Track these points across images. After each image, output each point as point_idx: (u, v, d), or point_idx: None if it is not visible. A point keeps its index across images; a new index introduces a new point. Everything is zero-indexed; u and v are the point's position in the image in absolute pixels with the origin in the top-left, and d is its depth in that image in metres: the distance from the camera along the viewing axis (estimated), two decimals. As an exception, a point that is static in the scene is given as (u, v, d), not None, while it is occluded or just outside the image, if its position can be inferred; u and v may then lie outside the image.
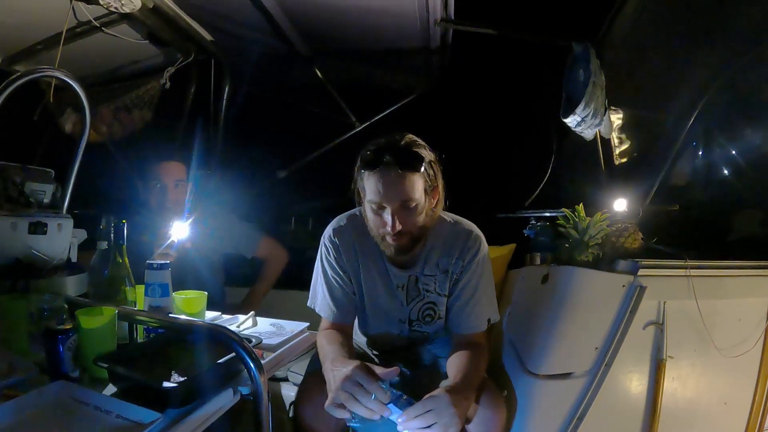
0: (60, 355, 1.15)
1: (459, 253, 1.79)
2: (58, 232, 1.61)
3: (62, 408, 1.05)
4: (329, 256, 1.80)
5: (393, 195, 1.58)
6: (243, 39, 2.82)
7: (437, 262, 1.80)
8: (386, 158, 1.56)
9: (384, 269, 1.81)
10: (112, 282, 1.48)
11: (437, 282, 1.81)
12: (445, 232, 1.82)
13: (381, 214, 1.62)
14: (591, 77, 2.42)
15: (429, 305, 1.83)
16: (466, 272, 1.79)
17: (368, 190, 1.62)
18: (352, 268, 1.81)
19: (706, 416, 2.07)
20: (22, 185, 1.61)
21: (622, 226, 2.03)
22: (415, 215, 1.63)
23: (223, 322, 1.78)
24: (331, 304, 1.78)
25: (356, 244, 1.80)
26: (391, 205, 1.59)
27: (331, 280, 1.79)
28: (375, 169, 1.58)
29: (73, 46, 2.53)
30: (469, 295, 1.78)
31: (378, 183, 1.58)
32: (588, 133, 2.58)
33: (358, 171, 1.66)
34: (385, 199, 1.58)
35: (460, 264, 1.79)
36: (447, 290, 1.81)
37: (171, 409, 1.04)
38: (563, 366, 1.83)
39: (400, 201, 1.59)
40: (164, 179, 2.39)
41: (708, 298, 1.95)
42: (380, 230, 1.65)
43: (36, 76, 1.61)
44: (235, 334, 1.19)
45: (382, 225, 1.63)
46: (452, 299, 1.82)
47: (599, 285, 1.87)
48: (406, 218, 1.61)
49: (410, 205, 1.60)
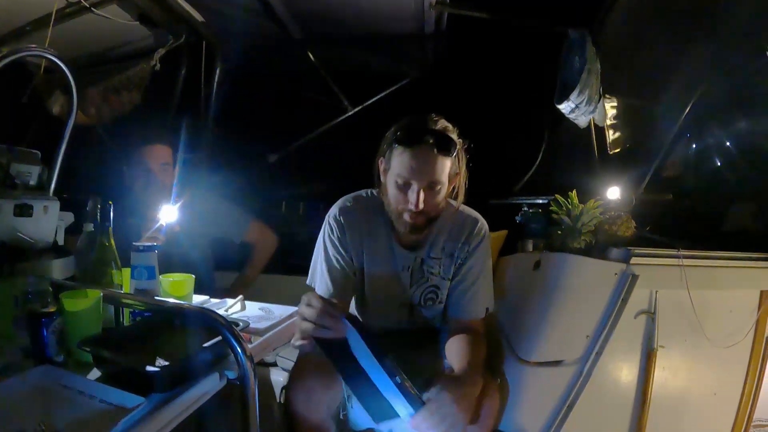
0: (44, 338, 1.13)
1: (465, 239, 1.80)
2: (44, 214, 1.57)
3: (45, 393, 1.03)
4: (332, 234, 1.80)
5: (424, 174, 1.60)
6: (235, 21, 2.78)
7: (443, 245, 1.81)
8: (426, 137, 1.59)
9: (390, 251, 1.82)
10: (99, 265, 1.45)
11: (442, 266, 1.82)
12: (453, 217, 1.83)
13: (405, 191, 1.63)
14: (586, 64, 2.41)
15: (432, 288, 1.83)
16: (470, 258, 1.80)
17: (398, 165, 1.63)
18: (355, 248, 1.81)
19: (696, 406, 2.09)
20: (8, 166, 1.58)
21: (615, 213, 2.03)
22: (437, 197, 1.66)
23: (212, 306, 1.76)
24: (328, 283, 1.77)
25: (362, 224, 1.81)
26: (419, 184, 1.60)
27: (331, 259, 1.79)
28: (411, 147, 1.60)
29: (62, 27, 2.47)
30: (472, 281, 1.80)
31: (412, 160, 1.59)
32: (582, 120, 2.58)
33: (389, 145, 1.67)
34: (416, 177, 1.60)
35: (465, 249, 1.80)
36: (451, 274, 1.82)
37: (155, 393, 1.02)
38: (554, 353, 1.83)
39: (428, 181, 1.61)
40: (149, 162, 2.36)
41: (700, 289, 1.95)
42: (400, 206, 1.66)
43: (22, 54, 1.58)
44: (221, 317, 1.17)
45: (403, 202, 1.64)
46: (455, 283, 1.83)
47: (591, 272, 1.87)
48: (429, 199, 1.63)
49: (436, 187, 1.63)
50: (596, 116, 2.59)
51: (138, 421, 0.94)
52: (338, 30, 2.91)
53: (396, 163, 1.64)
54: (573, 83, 2.41)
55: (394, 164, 1.64)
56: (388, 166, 1.69)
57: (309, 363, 1.65)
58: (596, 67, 2.44)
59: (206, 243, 2.56)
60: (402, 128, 1.64)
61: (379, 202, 1.80)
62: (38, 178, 1.67)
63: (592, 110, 2.50)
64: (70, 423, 0.93)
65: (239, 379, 1.15)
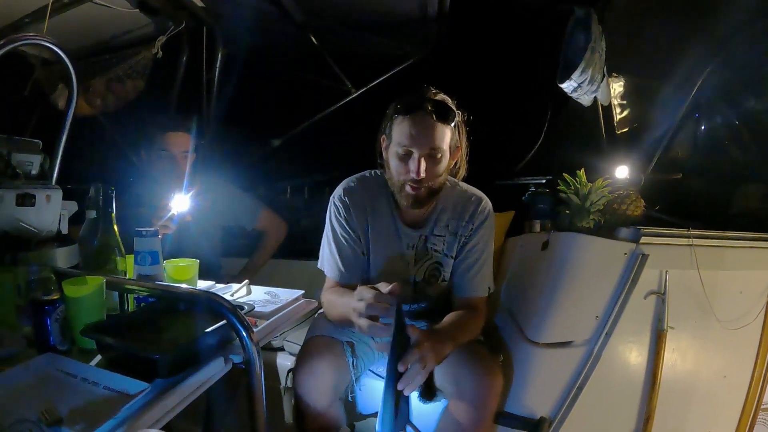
0: (47, 326, 1.13)
1: (469, 217, 1.82)
2: (46, 203, 1.56)
3: (49, 381, 1.03)
4: (339, 215, 1.81)
5: (423, 141, 1.62)
6: (235, 5, 2.75)
7: (447, 223, 1.83)
8: (424, 105, 1.62)
9: (395, 229, 1.83)
10: (102, 251, 1.44)
11: (446, 243, 1.83)
12: (456, 195, 1.85)
13: (406, 161, 1.66)
14: (591, 43, 2.37)
15: (435, 265, 1.85)
16: (474, 236, 1.82)
17: (398, 134, 1.66)
18: (361, 227, 1.82)
19: (706, 389, 2.07)
20: (9, 156, 1.57)
21: (624, 192, 2.00)
22: (438, 166, 1.67)
23: (217, 291, 1.75)
24: (339, 264, 1.80)
25: (366, 203, 1.82)
26: (419, 151, 1.63)
27: (340, 239, 1.81)
28: (410, 114, 1.63)
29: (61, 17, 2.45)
30: (475, 259, 1.81)
31: (411, 127, 1.62)
32: (585, 99, 2.54)
33: (389, 118, 1.71)
34: (416, 144, 1.63)
35: (469, 227, 1.82)
36: (454, 251, 1.84)
37: (159, 378, 1.01)
38: (563, 334, 1.81)
39: (429, 148, 1.63)
40: (172, 149, 2.35)
41: (710, 269, 1.93)
42: (401, 177, 1.68)
43: (20, 44, 1.55)
44: (226, 301, 1.16)
45: (405, 172, 1.67)
46: (458, 261, 1.84)
47: (601, 252, 1.85)
48: (430, 167, 1.65)
49: (436, 155, 1.65)
50: (600, 95, 2.56)
51: (142, 407, 0.94)
52: (340, 12, 2.88)
53: (396, 133, 1.67)
54: (576, 62, 2.37)
55: (395, 135, 1.68)
56: (389, 140, 1.71)
57: (317, 345, 1.66)
58: (601, 45, 2.40)
59: (216, 231, 2.56)
60: (402, 98, 1.68)
61: (383, 181, 1.82)
62: (40, 167, 1.66)
63: (594, 89, 2.47)
64: (75, 410, 0.93)
65: (245, 363, 1.15)
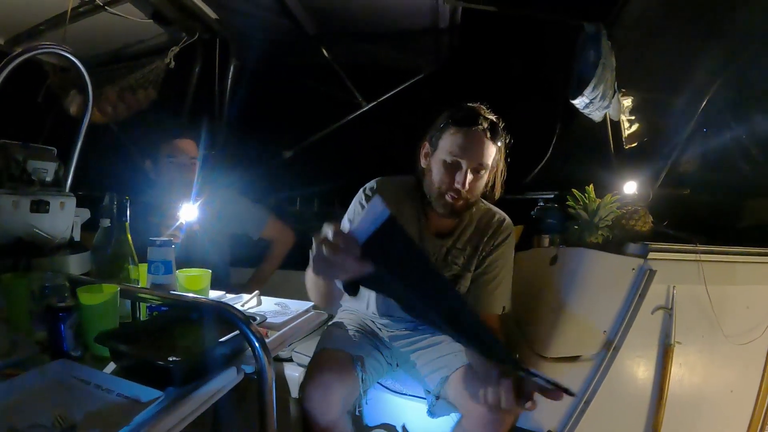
0: (61, 333, 1.13)
1: (492, 234, 1.83)
2: (60, 210, 1.58)
3: (62, 387, 1.03)
4: (364, 202, 1.82)
5: (474, 154, 1.66)
6: (248, 17, 2.78)
7: (470, 238, 1.84)
8: (479, 120, 1.66)
9: (419, 236, 1.83)
10: (115, 260, 1.45)
11: (466, 257, 1.83)
12: (481, 212, 1.87)
13: (453, 172, 1.68)
14: (601, 59, 2.38)
15: (453, 278, 1.84)
16: (494, 252, 1.82)
17: (449, 144, 1.68)
18: None
19: (713, 403, 2.06)
20: (24, 163, 1.58)
21: (632, 208, 2.01)
22: (480, 182, 1.72)
23: (228, 301, 1.75)
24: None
25: (395, 203, 1.82)
26: (468, 164, 1.66)
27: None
28: (464, 127, 1.66)
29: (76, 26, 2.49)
30: (493, 276, 1.81)
31: (465, 140, 1.66)
32: (596, 114, 2.55)
33: (439, 128, 1.73)
34: (466, 156, 1.66)
35: (491, 243, 1.83)
36: (473, 266, 1.83)
37: (172, 387, 1.02)
38: (571, 349, 1.82)
39: (477, 162, 1.67)
40: (179, 156, 2.36)
41: (717, 284, 1.93)
42: (444, 186, 1.70)
43: (36, 53, 1.57)
44: (239, 311, 1.17)
45: (449, 182, 1.68)
46: (476, 275, 1.84)
47: (609, 267, 1.85)
48: (474, 181, 1.69)
49: (481, 171, 1.69)
50: (611, 111, 2.57)
51: (155, 415, 0.94)
52: (352, 25, 2.90)
53: (447, 143, 1.69)
54: (588, 78, 2.39)
55: (444, 144, 1.70)
56: (434, 147, 1.74)
57: (327, 359, 1.66)
58: (611, 61, 2.41)
59: (224, 239, 2.57)
60: (457, 110, 1.71)
61: (412, 187, 1.84)
62: (54, 174, 1.68)
63: (606, 105, 2.48)
64: (88, 416, 0.93)
65: (256, 373, 1.15)
